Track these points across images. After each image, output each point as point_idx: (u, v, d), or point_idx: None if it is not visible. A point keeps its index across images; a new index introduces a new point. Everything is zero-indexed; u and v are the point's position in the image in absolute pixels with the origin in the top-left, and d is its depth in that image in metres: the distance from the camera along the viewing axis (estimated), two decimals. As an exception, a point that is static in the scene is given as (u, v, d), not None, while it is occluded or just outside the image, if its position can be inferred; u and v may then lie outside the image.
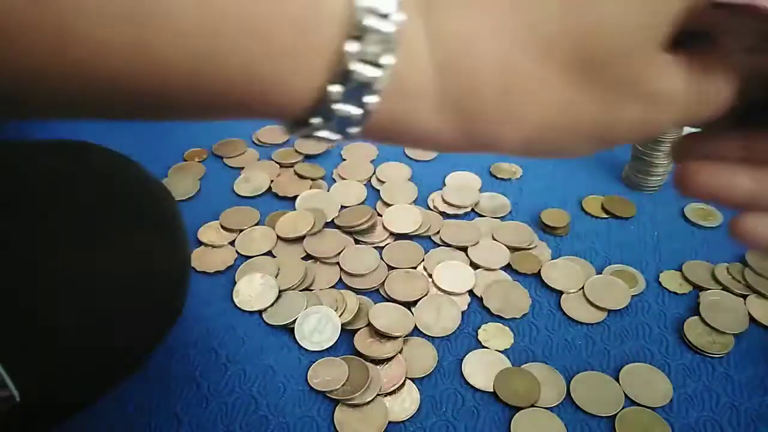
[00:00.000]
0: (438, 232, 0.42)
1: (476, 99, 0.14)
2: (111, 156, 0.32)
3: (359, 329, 0.35)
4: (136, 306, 0.27)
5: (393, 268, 0.40)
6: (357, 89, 0.13)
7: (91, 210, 0.27)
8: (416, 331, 0.35)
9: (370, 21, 0.13)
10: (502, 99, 0.14)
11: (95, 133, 0.55)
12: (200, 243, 0.42)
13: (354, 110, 0.13)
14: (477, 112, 0.14)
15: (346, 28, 0.13)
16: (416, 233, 0.42)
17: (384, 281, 0.38)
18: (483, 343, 0.35)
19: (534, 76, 0.14)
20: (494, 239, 0.42)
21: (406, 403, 0.32)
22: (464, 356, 0.34)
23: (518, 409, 0.31)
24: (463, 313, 0.36)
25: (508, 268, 0.40)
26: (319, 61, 0.13)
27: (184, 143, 0.53)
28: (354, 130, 0.14)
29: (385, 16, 0.13)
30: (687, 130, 0.17)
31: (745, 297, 0.37)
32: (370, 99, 0.13)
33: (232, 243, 0.42)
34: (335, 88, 0.13)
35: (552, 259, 0.40)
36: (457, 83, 0.14)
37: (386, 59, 0.13)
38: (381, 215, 0.44)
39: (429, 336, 0.35)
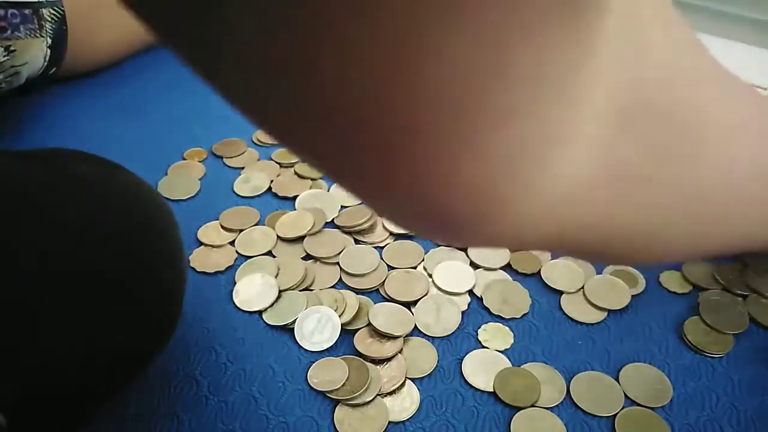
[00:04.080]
0: (438, 232, 0.42)
1: None
2: (99, 164, 0.31)
3: (359, 329, 0.35)
4: (123, 327, 0.26)
5: (393, 268, 0.40)
6: None
7: (72, 225, 0.25)
8: (416, 331, 0.35)
9: None
10: None
11: (95, 134, 0.55)
12: (200, 243, 0.42)
13: None
14: None
15: None
16: (416, 233, 0.42)
17: (384, 281, 0.38)
18: (483, 343, 0.35)
19: None
20: (494, 239, 0.42)
21: (406, 403, 0.32)
22: (464, 356, 0.34)
23: (518, 409, 0.31)
24: (463, 313, 0.36)
25: (508, 268, 0.40)
26: None
27: (184, 143, 0.52)
28: None
29: None
30: None
31: (745, 297, 0.37)
32: None
33: (232, 243, 0.42)
34: None
35: (552, 259, 0.40)
36: None
37: None
38: (381, 215, 0.44)
39: (429, 336, 0.35)
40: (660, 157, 0.16)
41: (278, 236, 0.42)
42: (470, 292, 0.38)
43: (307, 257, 0.41)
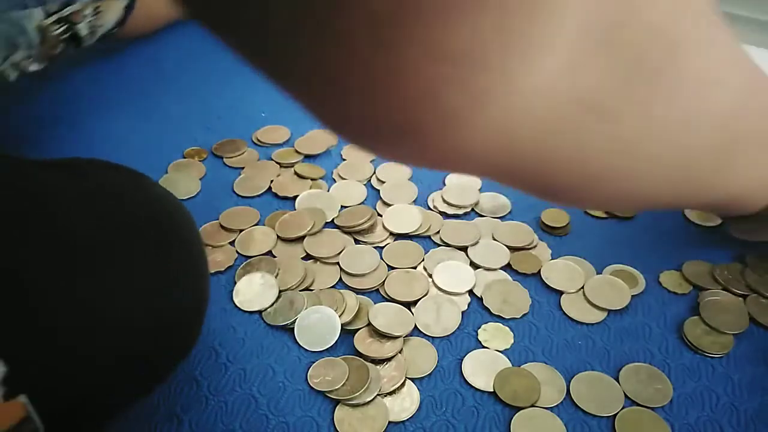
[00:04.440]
0: (438, 232, 0.42)
1: None
2: (125, 174, 0.30)
3: (359, 329, 0.35)
4: (141, 344, 0.26)
5: (393, 268, 0.40)
6: None
7: (93, 235, 0.25)
8: (416, 331, 0.35)
9: None
10: None
11: (96, 131, 0.55)
12: (200, 243, 0.42)
13: None
14: None
15: None
16: (416, 233, 0.42)
17: (384, 281, 0.38)
18: (483, 343, 0.35)
19: None
20: (494, 239, 0.42)
21: (406, 403, 0.32)
22: (464, 356, 0.34)
23: (518, 409, 0.31)
24: (463, 313, 0.36)
25: (508, 268, 0.40)
26: None
27: (184, 142, 0.52)
28: None
29: None
30: None
31: (745, 297, 0.37)
32: None
33: (232, 243, 0.42)
34: None
35: (552, 259, 0.40)
36: None
37: None
38: (381, 215, 0.44)
39: (429, 336, 0.35)
40: (628, 91, 0.14)
41: (278, 236, 0.42)
42: (470, 292, 0.38)
43: (307, 257, 0.41)
